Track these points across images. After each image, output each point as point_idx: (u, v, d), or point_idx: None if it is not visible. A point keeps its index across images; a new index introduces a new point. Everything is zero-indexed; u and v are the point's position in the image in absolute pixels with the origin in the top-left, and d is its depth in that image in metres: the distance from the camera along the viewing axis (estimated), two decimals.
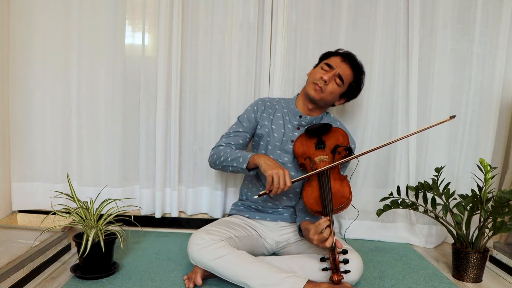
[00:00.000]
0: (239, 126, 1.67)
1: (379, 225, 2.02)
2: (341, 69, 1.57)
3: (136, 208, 1.94)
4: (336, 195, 1.38)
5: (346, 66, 1.58)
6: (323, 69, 1.58)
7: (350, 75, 1.60)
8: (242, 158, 1.49)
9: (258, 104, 1.68)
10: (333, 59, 1.60)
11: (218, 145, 1.64)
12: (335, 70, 1.56)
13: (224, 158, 1.55)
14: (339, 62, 1.58)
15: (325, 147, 1.52)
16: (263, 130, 1.64)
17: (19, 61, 1.90)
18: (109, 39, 1.91)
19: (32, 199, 2.00)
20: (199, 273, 1.38)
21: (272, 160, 1.43)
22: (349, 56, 1.62)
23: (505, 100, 1.94)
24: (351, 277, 1.35)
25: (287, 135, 1.62)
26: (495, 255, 1.76)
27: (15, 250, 1.40)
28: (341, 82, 1.57)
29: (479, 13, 1.87)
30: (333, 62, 1.58)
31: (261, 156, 1.45)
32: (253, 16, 1.93)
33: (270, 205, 1.64)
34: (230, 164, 1.53)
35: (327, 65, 1.58)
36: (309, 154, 1.52)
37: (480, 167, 1.55)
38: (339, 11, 1.91)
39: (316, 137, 1.55)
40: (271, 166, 1.39)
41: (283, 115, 1.65)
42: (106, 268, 1.45)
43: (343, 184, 1.41)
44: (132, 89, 1.99)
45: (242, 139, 1.66)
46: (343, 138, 1.52)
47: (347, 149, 1.48)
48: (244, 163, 1.47)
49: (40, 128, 1.97)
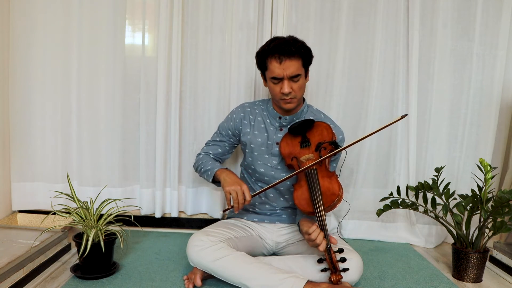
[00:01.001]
0: (218, 135, 1.69)
1: (379, 225, 2.02)
2: (288, 69, 1.41)
3: (136, 208, 1.94)
4: (326, 193, 1.35)
5: (288, 62, 1.41)
6: (275, 83, 1.45)
7: (297, 63, 1.43)
8: (210, 172, 1.56)
9: (237, 112, 1.64)
10: (272, 68, 1.43)
11: (199, 153, 1.72)
12: (285, 75, 1.42)
13: (199, 168, 1.64)
14: (279, 66, 1.41)
15: (310, 144, 1.46)
16: (246, 137, 1.62)
17: (19, 61, 1.90)
18: (109, 39, 1.91)
19: (32, 199, 2.00)
20: (198, 274, 1.38)
21: (231, 176, 1.47)
22: (281, 50, 1.41)
23: (505, 100, 1.94)
24: (351, 277, 1.34)
25: (271, 138, 1.58)
26: (495, 255, 1.76)
27: (15, 250, 1.40)
28: (297, 76, 1.44)
29: (479, 13, 1.87)
30: (276, 72, 1.42)
31: (223, 172, 1.51)
32: (253, 16, 1.93)
33: (267, 207, 1.64)
34: (203, 175, 1.62)
35: (275, 79, 1.44)
36: (295, 154, 1.48)
37: (480, 167, 1.55)
38: (339, 11, 1.91)
39: (300, 135, 1.49)
40: (229, 182, 1.44)
41: (263, 119, 1.61)
42: (106, 268, 1.45)
43: (332, 181, 1.37)
44: (132, 89, 1.99)
45: (221, 148, 1.69)
46: (327, 131, 1.46)
47: (332, 144, 1.42)
48: (210, 177, 1.56)
49: (40, 128, 1.97)
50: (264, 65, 1.48)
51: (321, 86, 1.97)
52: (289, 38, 1.46)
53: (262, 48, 1.49)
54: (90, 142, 1.97)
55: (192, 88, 1.99)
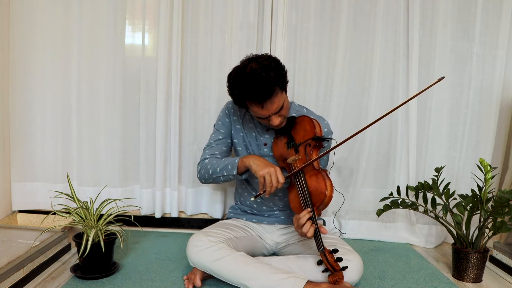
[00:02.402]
0: (218, 133, 1.62)
1: (379, 225, 2.02)
2: (272, 108, 1.35)
3: (136, 208, 1.94)
4: (314, 193, 1.32)
5: (270, 103, 1.34)
6: (262, 119, 1.42)
7: (278, 95, 1.35)
8: (230, 165, 1.46)
9: (228, 107, 1.61)
10: (255, 110, 1.37)
11: (203, 159, 1.60)
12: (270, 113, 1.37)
13: (213, 170, 1.52)
14: (261, 109, 1.35)
15: (295, 144, 1.43)
16: (238, 134, 1.60)
17: (19, 61, 1.90)
18: (109, 39, 1.91)
19: (32, 199, 2.00)
20: (198, 274, 1.38)
21: (261, 159, 1.40)
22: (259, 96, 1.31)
23: (505, 100, 1.94)
24: (351, 277, 1.34)
25: (259, 138, 1.57)
26: (495, 255, 1.76)
27: (15, 250, 1.40)
28: (282, 106, 1.38)
29: (479, 13, 1.87)
30: (260, 113, 1.37)
31: (250, 157, 1.42)
32: (253, 16, 1.93)
33: (265, 208, 1.63)
34: (220, 174, 1.50)
35: (260, 118, 1.41)
36: (285, 156, 1.45)
37: (480, 167, 1.55)
38: (339, 11, 1.91)
39: (286, 135, 1.46)
40: (262, 165, 1.37)
41: (250, 118, 1.60)
42: (106, 268, 1.45)
43: (318, 179, 1.33)
44: (132, 89, 1.99)
45: (225, 145, 1.62)
46: (310, 126, 1.41)
47: (315, 139, 1.37)
48: (234, 169, 1.45)
49: (40, 128, 1.97)
50: (244, 105, 1.41)
51: (321, 86, 1.97)
52: (259, 69, 1.32)
53: (236, 90, 1.37)
54: (90, 142, 1.97)
55: (192, 88, 1.99)
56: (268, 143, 1.56)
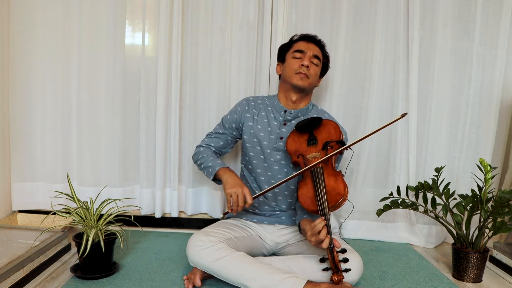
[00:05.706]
0: (221, 127, 1.70)
1: (379, 225, 2.02)
2: (312, 50, 1.58)
3: (136, 208, 1.94)
4: (331, 193, 1.35)
5: (313, 46, 1.60)
6: (296, 57, 1.57)
7: (320, 52, 1.61)
8: (211, 169, 1.55)
9: (242, 104, 1.67)
10: (298, 45, 1.60)
11: (200, 145, 1.71)
12: (308, 52, 1.56)
13: (200, 162, 1.64)
14: (306, 44, 1.59)
15: (317, 142, 1.47)
16: (248, 131, 1.62)
17: (19, 61, 1.90)
18: (109, 39, 1.91)
19: (32, 199, 2.00)
20: (198, 274, 1.38)
21: (235, 178, 1.47)
22: (309, 37, 1.63)
23: (505, 100, 1.94)
24: (351, 277, 1.34)
25: (275, 132, 1.59)
26: (495, 255, 1.76)
27: (15, 250, 1.40)
28: (318, 61, 1.59)
29: (479, 13, 1.87)
30: (301, 46, 1.58)
31: (225, 173, 1.50)
32: (253, 16, 1.93)
33: (267, 208, 1.63)
34: (202, 170, 1.63)
35: (299, 51, 1.57)
36: (302, 151, 1.48)
37: (480, 167, 1.55)
38: (339, 11, 1.91)
39: (308, 133, 1.51)
40: (231, 184, 1.44)
41: (267, 113, 1.63)
42: (106, 268, 1.45)
43: (337, 180, 1.37)
44: (132, 89, 1.99)
45: (223, 141, 1.68)
46: (335, 130, 1.47)
47: (339, 143, 1.43)
48: (211, 175, 1.55)
49: (40, 128, 1.97)
50: (289, 46, 1.63)
51: (321, 86, 1.96)
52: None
53: (291, 38, 1.66)
54: (90, 142, 1.97)
55: (192, 88, 1.99)
56: (284, 137, 1.58)
